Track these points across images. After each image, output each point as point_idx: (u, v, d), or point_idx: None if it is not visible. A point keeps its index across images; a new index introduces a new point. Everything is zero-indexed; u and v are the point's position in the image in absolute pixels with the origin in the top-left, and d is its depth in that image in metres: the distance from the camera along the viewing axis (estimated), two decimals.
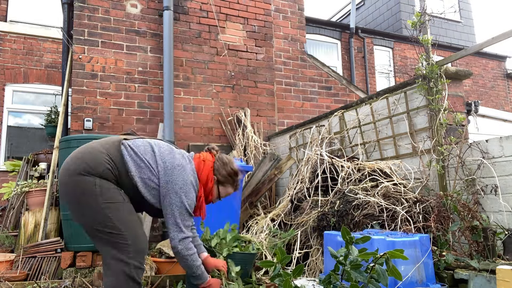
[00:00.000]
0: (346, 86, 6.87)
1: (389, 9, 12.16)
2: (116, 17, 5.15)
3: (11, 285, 3.03)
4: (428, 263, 2.25)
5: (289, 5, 6.71)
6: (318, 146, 4.05)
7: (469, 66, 11.79)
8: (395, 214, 2.77)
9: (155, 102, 5.16)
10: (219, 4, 5.72)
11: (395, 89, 3.56)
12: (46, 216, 4.12)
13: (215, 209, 3.34)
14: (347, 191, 3.16)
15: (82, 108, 4.81)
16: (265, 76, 5.84)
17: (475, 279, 2.15)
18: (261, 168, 4.60)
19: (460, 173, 2.89)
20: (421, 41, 3.14)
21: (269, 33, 5.99)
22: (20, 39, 7.80)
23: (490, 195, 2.70)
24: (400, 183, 3.14)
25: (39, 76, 7.87)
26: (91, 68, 4.93)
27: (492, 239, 2.38)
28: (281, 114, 6.16)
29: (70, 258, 3.62)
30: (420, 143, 3.24)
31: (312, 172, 3.76)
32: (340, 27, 10.30)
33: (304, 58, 6.64)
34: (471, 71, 3.27)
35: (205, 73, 5.47)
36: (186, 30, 5.47)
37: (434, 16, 3.46)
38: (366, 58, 10.24)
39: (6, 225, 4.85)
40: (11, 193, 4.86)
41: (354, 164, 3.51)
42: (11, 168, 5.49)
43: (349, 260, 1.77)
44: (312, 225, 3.22)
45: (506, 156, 2.64)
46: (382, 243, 2.15)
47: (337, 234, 2.46)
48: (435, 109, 3.03)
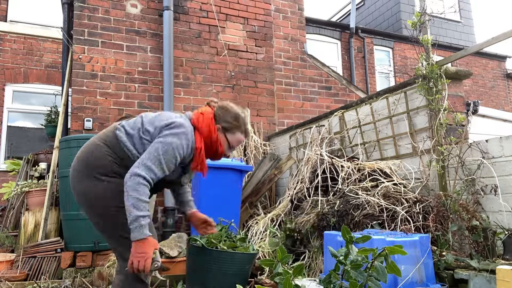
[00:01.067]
0: (346, 86, 6.87)
1: (389, 9, 12.16)
2: (116, 17, 5.15)
3: (11, 285, 3.03)
4: (428, 263, 2.25)
5: (289, 5, 6.71)
6: (318, 146, 4.05)
7: (469, 66, 11.79)
8: (395, 214, 2.77)
9: (155, 102, 5.16)
10: (219, 4, 5.72)
11: (395, 89, 3.56)
12: (46, 216, 4.12)
13: (214, 209, 3.34)
14: (347, 191, 3.16)
15: (82, 108, 4.81)
16: (265, 76, 5.84)
17: (475, 279, 2.15)
18: (261, 168, 4.60)
19: (460, 173, 2.89)
20: (421, 41, 3.14)
21: (269, 33, 5.99)
22: (20, 39, 7.80)
23: (490, 195, 2.69)
24: (400, 183, 3.14)
25: (39, 76, 7.87)
26: (91, 68, 4.93)
27: (492, 239, 2.38)
28: (281, 114, 6.16)
29: (70, 258, 3.62)
30: (420, 143, 3.24)
31: (312, 172, 3.76)
32: (340, 27, 10.30)
33: (304, 58, 6.64)
34: (471, 71, 3.27)
35: (205, 73, 5.47)
36: (186, 30, 5.47)
37: (434, 16, 3.46)
38: (366, 58, 10.24)
39: (6, 225, 4.85)
40: (11, 193, 4.87)
41: (354, 164, 3.51)
42: (11, 168, 5.49)
43: (349, 260, 1.77)
44: (312, 225, 3.22)
45: (506, 156, 2.64)
46: (382, 243, 2.15)
47: (337, 234, 2.46)
48: (435, 109, 3.03)
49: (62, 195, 3.81)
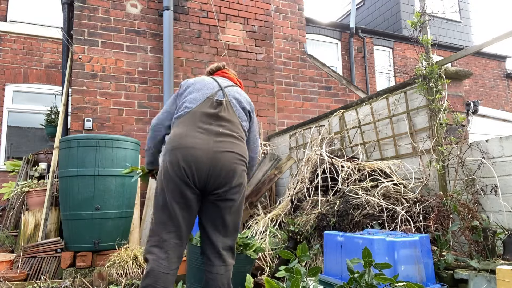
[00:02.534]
0: (346, 86, 6.87)
1: (389, 9, 12.16)
2: (116, 17, 5.16)
3: (11, 285, 3.03)
4: (428, 263, 2.25)
5: (289, 5, 6.71)
6: (318, 146, 4.05)
7: (469, 66, 11.79)
8: (395, 214, 2.77)
9: (155, 102, 5.16)
10: (219, 4, 5.72)
11: (395, 89, 3.56)
12: (46, 216, 4.12)
13: None
14: (347, 191, 3.16)
15: (82, 108, 4.81)
16: (265, 76, 5.83)
17: (475, 279, 2.15)
18: (261, 168, 4.60)
19: (460, 173, 2.89)
20: (421, 41, 3.14)
21: (269, 33, 5.99)
22: (20, 39, 7.80)
23: (490, 195, 2.69)
24: (400, 183, 3.14)
25: (39, 76, 7.87)
26: (91, 68, 4.93)
27: (492, 239, 2.38)
28: (281, 114, 6.16)
29: (70, 258, 3.62)
30: (420, 143, 3.24)
31: (312, 172, 3.76)
32: (340, 27, 10.30)
33: (304, 58, 6.64)
34: (471, 71, 3.27)
35: (205, 73, 5.46)
36: (186, 30, 5.47)
37: (434, 16, 3.46)
38: (366, 58, 10.24)
39: (6, 225, 4.85)
40: (11, 193, 4.87)
41: (354, 164, 3.51)
42: (11, 168, 5.49)
43: (364, 280, 1.80)
44: (312, 225, 3.22)
45: (506, 156, 2.64)
46: (382, 243, 2.15)
47: (337, 234, 2.46)
48: (435, 109, 3.03)
49: (62, 195, 3.81)
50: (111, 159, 3.78)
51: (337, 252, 2.38)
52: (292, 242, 3.27)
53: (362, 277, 1.80)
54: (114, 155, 3.80)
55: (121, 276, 3.23)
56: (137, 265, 3.38)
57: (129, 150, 3.96)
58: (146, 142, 2.37)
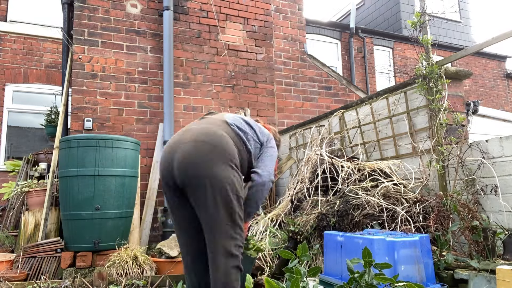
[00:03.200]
0: (346, 86, 6.87)
1: (389, 9, 12.16)
2: (116, 17, 5.15)
3: (11, 285, 3.03)
4: (428, 263, 2.25)
5: (289, 5, 6.71)
6: (318, 146, 4.05)
7: (469, 66, 11.79)
8: (395, 214, 2.77)
9: (155, 102, 5.16)
10: (219, 4, 5.72)
11: (395, 89, 3.56)
12: (46, 216, 4.12)
13: None
14: (347, 191, 3.16)
15: (82, 108, 4.81)
16: (265, 76, 5.84)
17: (475, 279, 2.15)
18: None
19: (460, 173, 2.89)
20: (421, 41, 3.14)
21: (269, 33, 5.99)
22: (20, 39, 7.80)
23: (490, 195, 2.70)
24: (400, 183, 3.14)
25: (39, 76, 7.87)
26: (91, 68, 4.93)
27: (492, 239, 2.38)
28: (281, 114, 6.16)
29: (70, 258, 3.62)
30: (420, 143, 3.24)
31: (312, 172, 3.76)
32: (340, 27, 10.30)
33: (304, 58, 6.64)
34: (471, 71, 3.27)
35: (205, 73, 5.47)
36: (186, 30, 5.47)
37: (434, 16, 3.46)
38: (366, 58, 10.24)
39: (6, 225, 4.85)
40: (11, 193, 4.87)
41: (354, 164, 3.51)
42: (11, 168, 5.49)
43: (364, 280, 1.80)
44: (312, 225, 3.22)
45: (506, 156, 2.64)
46: (382, 243, 2.15)
47: (337, 234, 2.46)
48: (435, 109, 3.03)
49: (62, 195, 3.81)
50: (111, 159, 3.78)
51: (337, 252, 2.38)
52: (292, 242, 3.27)
53: (362, 277, 1.81)
54: (114, 155, 3.80)
55: (121, 276, 3.23)
56: (137, 265, 3.38)
57: (129, 150, 3.96)
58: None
